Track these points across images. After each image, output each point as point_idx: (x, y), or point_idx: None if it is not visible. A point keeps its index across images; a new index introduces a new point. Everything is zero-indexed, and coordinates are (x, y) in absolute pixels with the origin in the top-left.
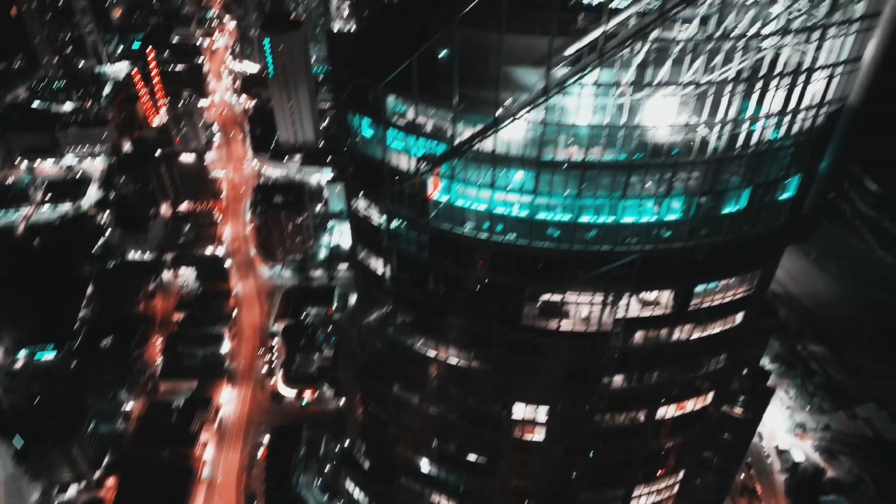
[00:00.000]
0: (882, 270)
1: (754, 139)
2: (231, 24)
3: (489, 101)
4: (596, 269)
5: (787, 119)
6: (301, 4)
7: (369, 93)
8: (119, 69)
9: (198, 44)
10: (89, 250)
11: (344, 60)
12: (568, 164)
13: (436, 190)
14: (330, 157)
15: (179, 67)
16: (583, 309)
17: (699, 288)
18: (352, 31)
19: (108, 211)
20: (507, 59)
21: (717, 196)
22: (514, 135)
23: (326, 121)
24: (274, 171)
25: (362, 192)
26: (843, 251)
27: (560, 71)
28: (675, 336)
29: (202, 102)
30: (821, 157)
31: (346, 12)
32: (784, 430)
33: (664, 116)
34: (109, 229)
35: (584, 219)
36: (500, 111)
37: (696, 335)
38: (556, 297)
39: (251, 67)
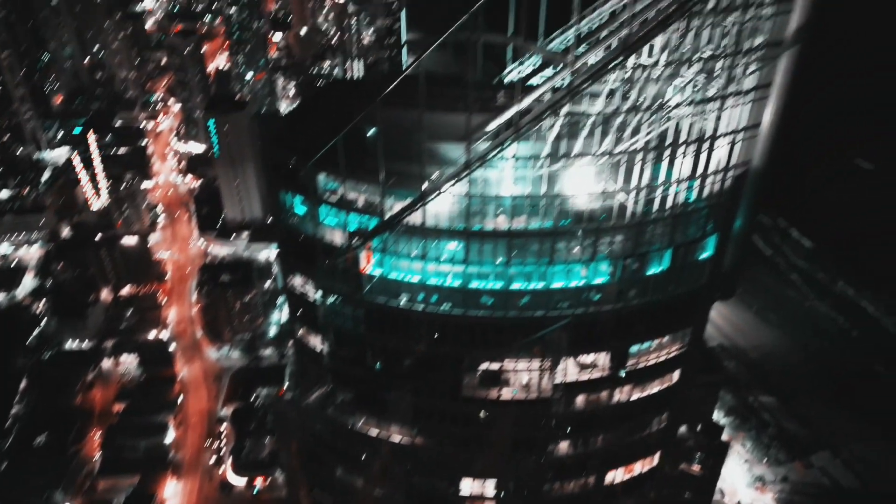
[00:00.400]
0: (817, 320)
1: (669, 203)
2: (176, 107)
3: (417, 175)
4: (531, 335)
5: (697, 183)
6: (246, 86)
7: (300, 171)
8: (59, 155)
9: (142, 127)
10: (24, 342)
11: (275, 140)
12: (494, 233)
13: (369, 264)
14: None
15: (122, 151)
16: (522, 376)
17: (634, 348)
18: (283, 112)
19: (44, 300)
20: (433, 136)
21: (640, 258)
22: (442, 207)
23: None
24: (221, 250)
25: (297, 268)
26: (782, 302)
27: (482, 146)
28: (616, 398)
29: (146, 184)
30: (734, 216)
31: (291, 92)
32: (744, 484)
33: (583, 185)
34: (45, 319)
35: (516, 286)
36: (426, 185)
37: (636, 395)
38: (495, 366)
39: (196, 148)
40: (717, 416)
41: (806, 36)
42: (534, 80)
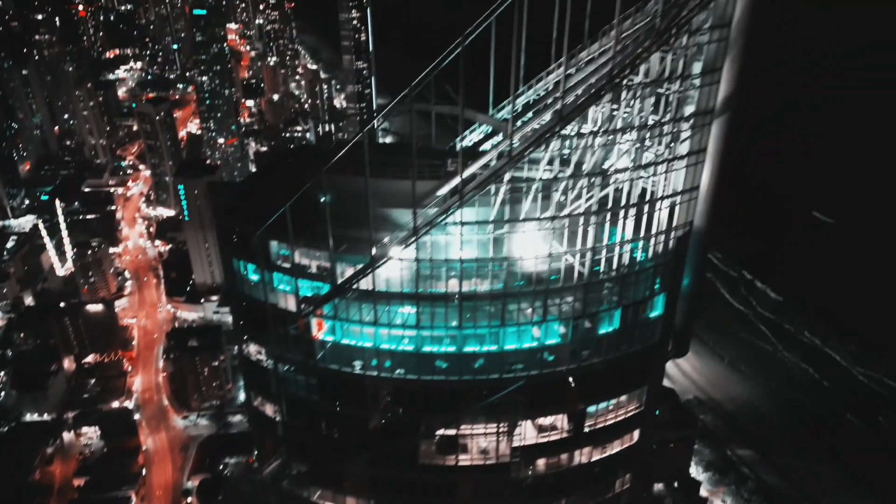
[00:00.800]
0: (788, 370)
1: (615, 264)
2: (146, 172)
3: (369, 241)
4: (486, 398)
5: (641, 244)
6: (218, 150)
7: (251, 239)
8: (25, 222)
9: (111, 192)
10: None
11: (226, 209)
12: (444, 296)
13: (321, 331)
14: None
15: (90, 216)
16: (480, 440)
17: (591, 408)
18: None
19: (3, 371)
20: (385, 202)
21: (590, 318)
22: (392, 272)
23: None
24: (189, 314)
25: (250, 335)
26: (753, 353)
27: (431, 212)
28: (576, 459)
29: (113, 249)
30: (681, 276)
31: None
32: None
33: (531, 247)
34: (4, 391)
35: (470, 348)
36: (374, 251)
37: (596, 456)
38: (452, 431)
39: (166, 212)
40: (696, 471)
41: (735, 104)
42: (485, 146)
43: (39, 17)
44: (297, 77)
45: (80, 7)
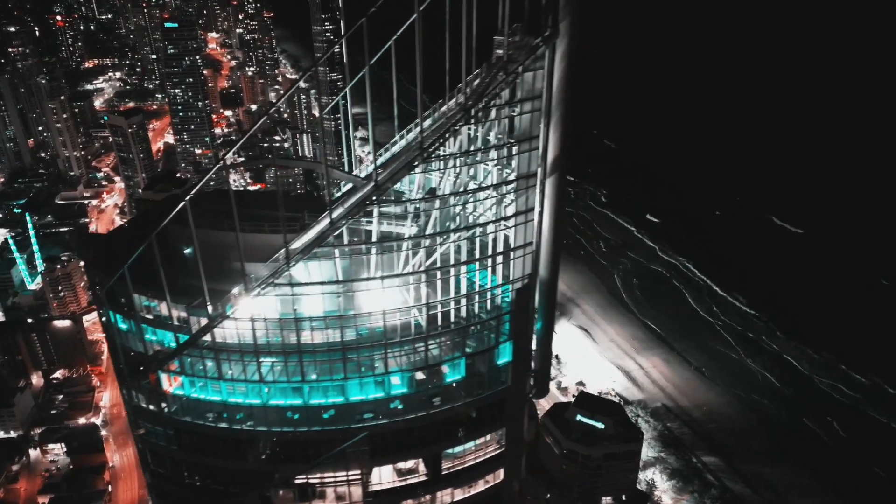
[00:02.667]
0: (751, 377)
1: (454, 316)
2: (121, 184)
3: (223, 293)
4: (336, 448)
5: (478, 298)
6: (192, 162)
7: (111, 289)
8: None
9: (85, 204)
10: None
11: (92, 259)
12: (283, 350)
13: (173, 385)
14: None
15: (63, 229)
16: (336, 487)
17: (449, 451)
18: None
19: None
20: (246, 255)
21: (436, 367)
22: (232, 328)
23: None
24: None
25: (120, 382)
26: (717, 361)
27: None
28: (440, 500)
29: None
30: (525, 324)
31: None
32: None
33: (373, 302)
34: None
35: (316, 400)
36: (210, 308)
37: (460, 496)
38: (307, 479)
39: None
40: (660, 479)
41: (561, 167)
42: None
43: (13, 28)
44: (277, 86)
45: (59, 17)
